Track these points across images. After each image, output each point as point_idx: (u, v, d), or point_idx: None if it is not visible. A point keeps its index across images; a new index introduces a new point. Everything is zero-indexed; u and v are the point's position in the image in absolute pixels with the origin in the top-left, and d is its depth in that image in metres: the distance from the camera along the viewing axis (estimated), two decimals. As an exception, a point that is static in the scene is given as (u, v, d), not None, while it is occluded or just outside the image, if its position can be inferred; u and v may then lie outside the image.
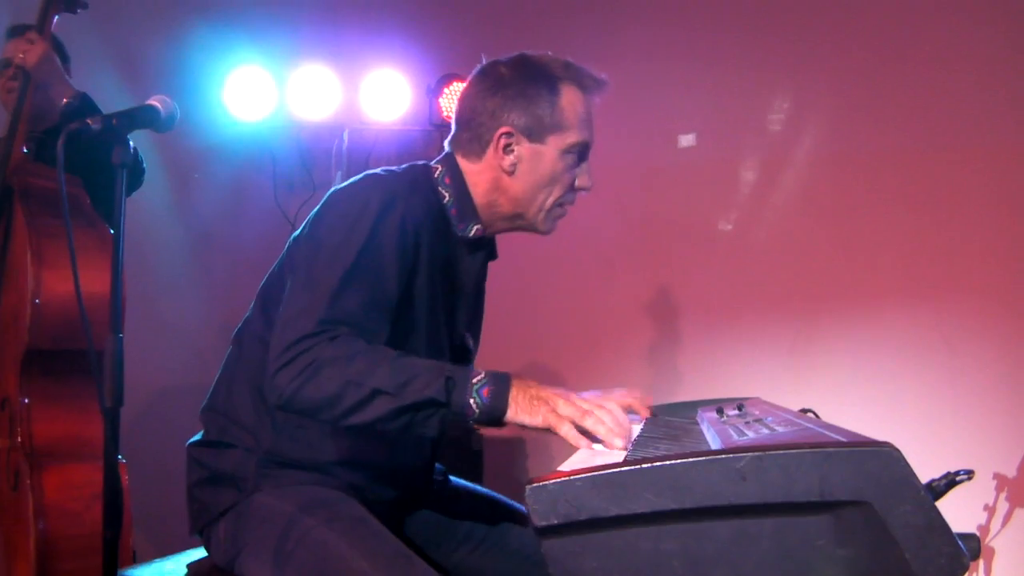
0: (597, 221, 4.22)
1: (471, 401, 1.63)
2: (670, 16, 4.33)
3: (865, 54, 3.83)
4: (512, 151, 1.94)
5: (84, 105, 2.70)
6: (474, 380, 1.64)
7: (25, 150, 2.87)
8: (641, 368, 4.36)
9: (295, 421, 1.87)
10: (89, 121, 1.82)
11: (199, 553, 2.01)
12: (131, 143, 2.90)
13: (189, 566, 1.97)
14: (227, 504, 1.88)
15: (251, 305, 2.01)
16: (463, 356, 2.14)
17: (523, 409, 1.64)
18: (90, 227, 2.78)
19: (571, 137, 1.94)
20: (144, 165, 3.08)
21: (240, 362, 1.97)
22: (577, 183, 1.99)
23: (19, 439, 2.70)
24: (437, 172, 2.00)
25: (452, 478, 2.25)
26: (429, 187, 1.97)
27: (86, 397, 2.77)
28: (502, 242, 2.18)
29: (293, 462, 1.89)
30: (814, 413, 1.94)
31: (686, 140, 4.24)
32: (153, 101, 1.93)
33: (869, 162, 3.83)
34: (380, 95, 4.51)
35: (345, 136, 4.52)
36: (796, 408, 1.94)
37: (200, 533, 1.95)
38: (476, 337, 2.21)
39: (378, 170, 1.95)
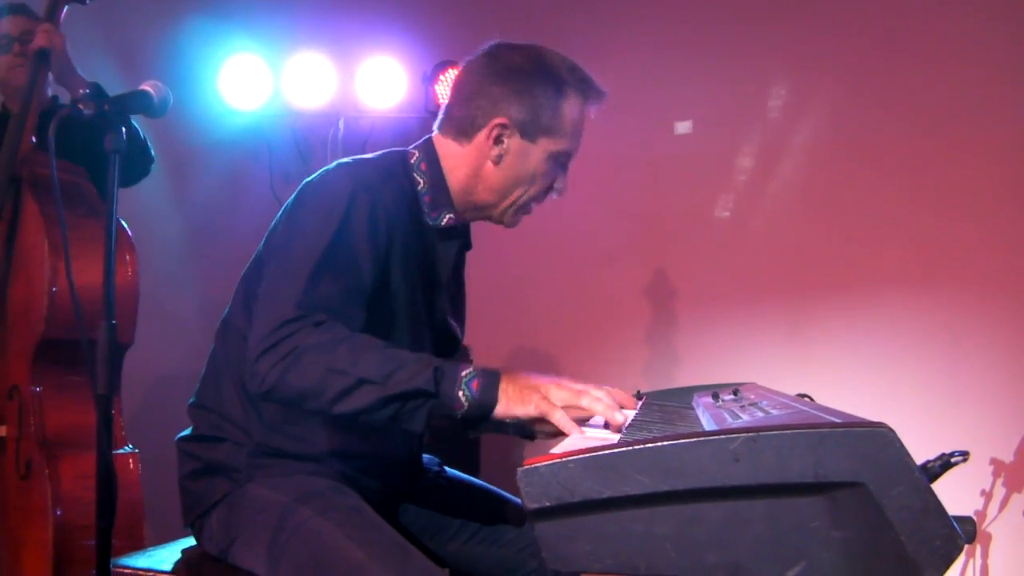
0: (594, 208, 4.22)
1: (460, 394, 1.61)
2: (667, 2, 4.32)
3: (864, 40, 3.82)
4: (502, 142, 1.91)
5: (100, 95, 2.70)
6: (463, 373, 1.62)
7: (34, 139, 2.86)
8: (638, 355, 4.36)
9: (282, 415, 1.85)
10: (80, 106, 1.81)
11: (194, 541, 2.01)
12: (140, 131, 2.93)
13: (184, 551, 1.97)
14: (220, 494, 1.87)
15: (231, 299, 1.99)
16: (450, 344, 2.11)
17: (514, 400, 1.61)
18: (96, 217, 2.77)
19: (562, 144, 1.92)
20: (153, 154, 3.08)
21: (224, 358, 1.95)
22: (554, 186, 1.99)
23: (31, 428, 2.70)
24: (414, 158, 1.97)
25: (448, 469, 2.24)
26: (404, 174, 1.94)
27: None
28: (501, 230, 2.15)
29: (284, 453, 1.87)
30: (810, 398, 1.93)
31: (682, 127, 4.23)
32: (146, 86, 1.92)
33: (869, 149, 3.82)
34: (376, 83, 4.49)
35: (341, 124, 4.52)
36: (793, 393, 1.94)
37: (192, 525, 1.94)
38: (461, 325, 2.18)
39: (349, 159, 1.93)
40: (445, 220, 1.96)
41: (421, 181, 1.95)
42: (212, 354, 2.00)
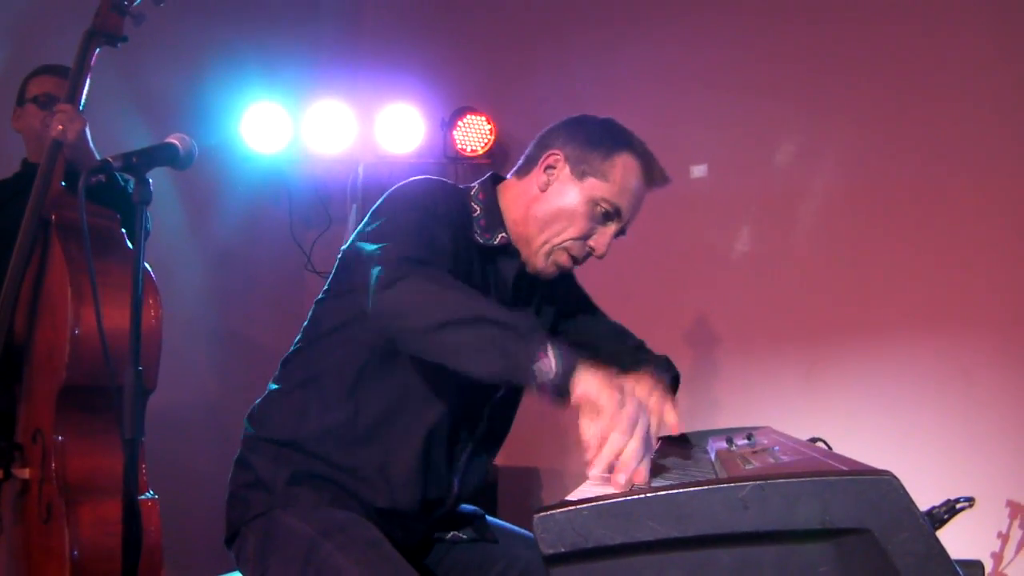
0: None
1: (549, 347, 1.56)
2: (682, 48, 4.37)
3: (880, 84, 3.85)
4: (552, 172, 2.02)
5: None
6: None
7: (64, 183, 2.86)
8: (655, 398, 4.35)
9: (333, 449, 1.93)
10: (110, 159, 1.86)
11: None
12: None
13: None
14: (258, 510, 1.92)
15: (301, 331, 2.08)
16: None
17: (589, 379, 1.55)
18: (123, 263, 2.77)
19: (606, 191, 1.98)
20: (150, 227, 3.09)
21: (286, 387, 2.03)
22: (591, 240, 2.03)
23: (53, 473, 2.68)
24: (472, 190, 2.10)
25: (489, 518, 2.25)
26: (462, 200, 2.06)
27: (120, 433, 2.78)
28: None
29: (319, 484, 1.92)
30: (824, 442, 1.95)
31: (698, 171, 4.27)
32: (172, 139, 1.97)
33: (884, 191, 3.84)
34: (395, 129, 4.56)
35: (360, 170, 4.57)
36: (807, 437, 1.96)
37: (231, 541, 1.98)
38: None
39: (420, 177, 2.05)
40: (498, 239, 2.04)
41: (477, 208, 2.06)
42: (272, 384, 2.07)
